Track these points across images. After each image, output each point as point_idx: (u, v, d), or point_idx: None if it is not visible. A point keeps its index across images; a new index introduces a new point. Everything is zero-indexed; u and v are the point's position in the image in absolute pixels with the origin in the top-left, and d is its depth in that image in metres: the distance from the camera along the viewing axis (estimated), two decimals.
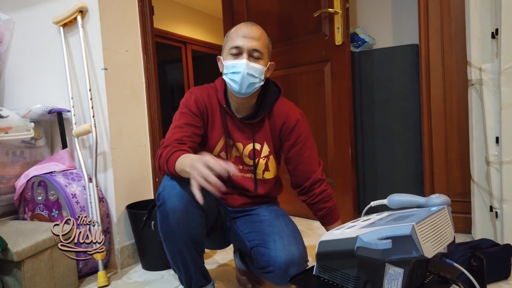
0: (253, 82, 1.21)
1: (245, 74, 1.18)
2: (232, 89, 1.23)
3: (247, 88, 1.21)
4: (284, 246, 1.17)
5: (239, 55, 1.20)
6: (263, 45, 1.22)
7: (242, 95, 1.23)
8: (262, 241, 1.21)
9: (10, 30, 1.93)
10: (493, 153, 1.62)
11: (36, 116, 1.75)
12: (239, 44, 1.19)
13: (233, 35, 1.22)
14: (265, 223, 1.26)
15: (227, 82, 1.23)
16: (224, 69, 1.23)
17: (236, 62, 1.19)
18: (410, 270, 0.82)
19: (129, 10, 1.84)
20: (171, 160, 1.08)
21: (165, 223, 1.11)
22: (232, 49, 1.20)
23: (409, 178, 2.23)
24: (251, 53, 1.20)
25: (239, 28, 1.23)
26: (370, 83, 2.31)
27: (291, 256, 1.15)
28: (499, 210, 1.60)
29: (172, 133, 1.20)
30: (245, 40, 1.19)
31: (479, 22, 1.69)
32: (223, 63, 1.24)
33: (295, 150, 1.32)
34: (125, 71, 1.81)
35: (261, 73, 1.22)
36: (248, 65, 1.18)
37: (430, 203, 1.00)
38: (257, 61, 1.21)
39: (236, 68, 1.19)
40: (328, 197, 1.33)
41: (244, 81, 1.19)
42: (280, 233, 1.21)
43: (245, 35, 1.20)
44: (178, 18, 4.57)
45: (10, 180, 1.75)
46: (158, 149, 1.18)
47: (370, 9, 2.62)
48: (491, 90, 1.63)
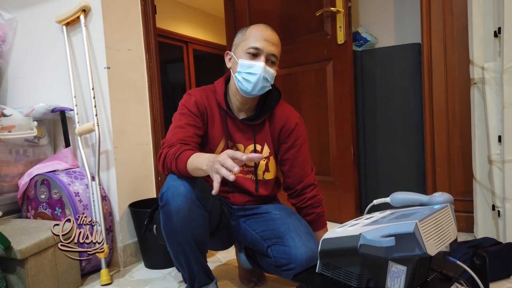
0: (265, 86, 1.23)
1: (261, 77, 1.19)
2: (242, 88, 1.23)
3: (258, 91, 1.22)
4: (303, 243, 1.18)
5: (257, 56, 1.20)
6: (279, 52, 1.24)
7: (251, 95, 1.24)
8: (280, 240, 1.22)
9: (13, 29, 1.94)
10: (496, 152, 1.62)
11: (39, 114, 1.75)
12: (259, 46, 1.19)
13: (253, 36, 1.21)
14: (279, 221, 1.26)
15: (238, 80, 1.23)
16: (238, 67, 1.21)
17: (254, 64, 1.19)
18: (413, 267, 0.82)
19: (132, 9, 1.85)
20: (181, 158, 1.08)
21: (168, 223, 1.11)
22: (250, 49, 1.20)
23: (411, 177, 2.23)
24: (269, 57, 1.21)
25: (259, 30, 1.22)
26: (372, 82, 2.31)
27: (311, 253, 1.16)
28: (501, 209, 1.59)
29: (174, 133, 1.20)
30: (266, 43, 1.20)
31: (481, 20, 1.68)
32: (237, 61, 1.22)
33: (292, 152, 1.33)
34: (128, 70, 1.82)
35: (272, 78, 1.24)
36: (265, 68, 1.19)
37: (433, 201, 1.00)
38: (272, 66, 1.22)
39: (253, 69, 1.19)
40: (317, 203, 1.34)
41: (258, 84, 1.20)
42: (296, 230, 1.22)
43: (266, 38, 1.20)
44: (180, 18, 4.57)
45: (13, 179, 1.76)
46: (160, 149, 1.17)
47: (372, 8, 2.62)
48: (493, 88, 1.63)
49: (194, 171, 1.05)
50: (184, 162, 1.07)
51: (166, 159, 1.12)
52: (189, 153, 1.08)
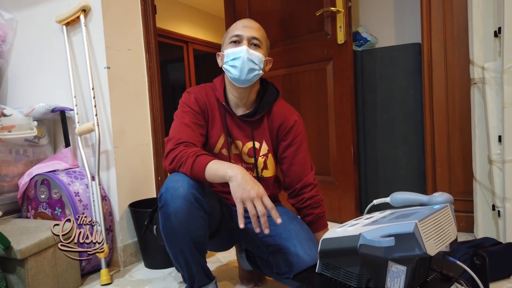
0: (252, 68, 1.22)
1: (245, 59, 1.21)
2: (232, 77, 1.24)
3: (247, 74, 1.22)
4: (305, 252, 1.17)
5: (239, 43, 1.23)
6: (261, 35, 1.27)
7: (242, 83, 1.24)
8: (282, 247, 1.21)
9: (13, 29, 1.94)
10: (496, 152, 1.62)
11: (39, 114, 1.75)
12: (239, 32, 1.23)
13: (233, 28, 1.27)
14: (280, 227, 1.23)
15: (227, 71, 1.25)
16: (225, 58, 1.25)
17: (236, 49, 1.22)
18: (413, 267, 0.82)
19: (132, 9, 1.85)
20: (199, 162, 1.08)
21: (167, 224, 1.10)
22: (232, 37, 1.24)
23: (411, 177, 2.23)
24: (250, 40, 1.23)
25: (238, 22, 1.29)
26: (372, 82, 2.31)
27: (313, 262, 1.14)
28: (501, 209, 1.59)
29: (180, 131, 1.19)
30: (245, 29, 1.24)
31: (481, 20, 1.68)
32: (223, 53, 1.26)
33: (291, 150, 1.33)
34: (128, 70, 1.82)
35: (260, 61, 1.24)
36: (248, 51, 1.21)
37: (432, 201, 1.00)
38: (256, 49, 1.24)
39: (236, 54, 1.22)
40: (317, 203, 1.33)
41: (244, 66, 1.21)
42: (298, 237, 1.21)
43: (245, 25, 1.25)
44: (180, 18, 4.57)
45: (13, 179, 1.76)
46: (168, 144, 1.16)
47: (372, 8, 2.62)
48: (493, 88, 1.63)
49: (214, 177, 1.07)
50: (203, 166, 1.08)
51: (177, 157, 1.12)
52: (208, 158, 1.09)
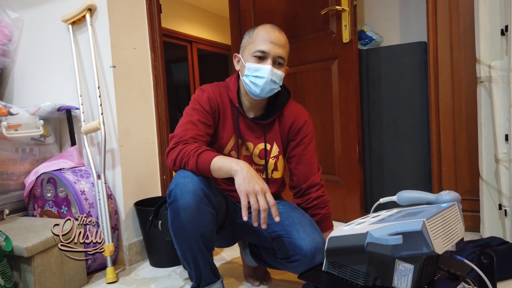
0: (273, 88, 1.23)
1: (269, 80, 1.20)
2: (250, 91, 1.24)
3: (267, 93, 1.24)
4: (308, 235, 1.18)
5: (263, 59, 1.20)
6: (286, 52, 1.24)
7: (260, 98, 1.25)
8: (285, 232, 1.22)
9: (19, 28, 1.95)
10: (502, 151, 1.61)
11: (45, 113, 1.76)
12: (265, 49, 1.19)
13: (260, 38, 1.21)
14: (283, 215, 1.25)
15: (246, 83, 1.24)
16: (246, 71, 1.23)
17: (261, 67, 1.20)
18: (420, 266, 0.82)
19: (137, 8, 1.85)
20: (202, 159, 1.08)
21: (176, 220, 1.11)
22: (257, 52, 1.20)
23: (416, 176, 2.22)
24: (276, 59, 1.21)
25: (266, 32, 1.22)
26: (377, 80, 2.30)
27: (316, 244, 1.16)
28: (508, 208, 1.58)
29: (186, 129, 1.19)
30: (272, 46, 1.20)
31: (488, 18, 1.67)
32: (244, 64, 1.24)
33: (299, 149, 1.34)
34: (133, 69, 1.82)
35: (281, 80, 1.24)
36: (272, 71, 1.20)
37: (440, 200, 1.00)
38: (280, 67, 1.23)
39: (260, 72, 1.20)
40: (323, 203, 1.34)
41: (266, 87, 1.21)
42: (300, 223, 1.23)
43: (273, 40, 1.20)
44: (184, 17, 4.58)
45: (20, 177, 1.77)
46: (171, 144, 1.16)
47: (377, 7, 2.61)
48: (500, 87, 1.62)
49: (219, 171, 1.07)
50: (208, 161, 1.08)
51: (180, 155, 1.12)
52: (212, 154, 1.10)
